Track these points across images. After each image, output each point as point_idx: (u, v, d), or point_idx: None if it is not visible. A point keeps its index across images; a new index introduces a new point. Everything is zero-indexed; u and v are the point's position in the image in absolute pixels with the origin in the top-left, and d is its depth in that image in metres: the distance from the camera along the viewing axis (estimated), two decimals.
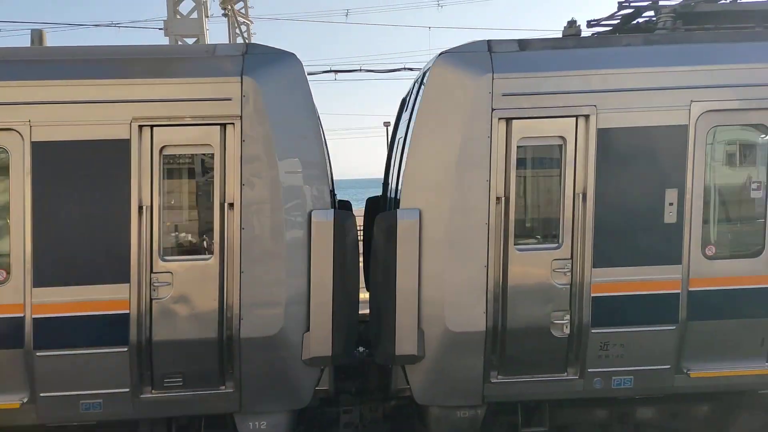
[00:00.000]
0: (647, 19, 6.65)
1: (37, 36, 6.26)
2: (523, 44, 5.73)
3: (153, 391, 5.63)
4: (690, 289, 5.67)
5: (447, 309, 5.59)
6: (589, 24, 6.91)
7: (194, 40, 17.81)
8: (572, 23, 6.20)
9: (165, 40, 17.87)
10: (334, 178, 7.22)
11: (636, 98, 5.55)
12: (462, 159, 5.52)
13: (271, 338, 5.55)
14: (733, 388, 5.93)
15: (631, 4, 6.68)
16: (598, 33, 6.88)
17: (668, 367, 5.76)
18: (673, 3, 6.49)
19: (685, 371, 5.78)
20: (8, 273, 5.39)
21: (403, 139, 6.30)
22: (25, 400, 5.49)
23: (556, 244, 5.64)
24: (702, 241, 5.68)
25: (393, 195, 6.45)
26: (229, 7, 20.93)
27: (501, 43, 5.71)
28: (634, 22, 6.76)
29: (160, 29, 18.39)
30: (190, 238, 5.73)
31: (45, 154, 5.34)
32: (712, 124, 5.63)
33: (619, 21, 6.85)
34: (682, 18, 6.37)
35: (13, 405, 5.50)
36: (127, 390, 5.56)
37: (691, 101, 5.56)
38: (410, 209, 5.55)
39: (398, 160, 6.39)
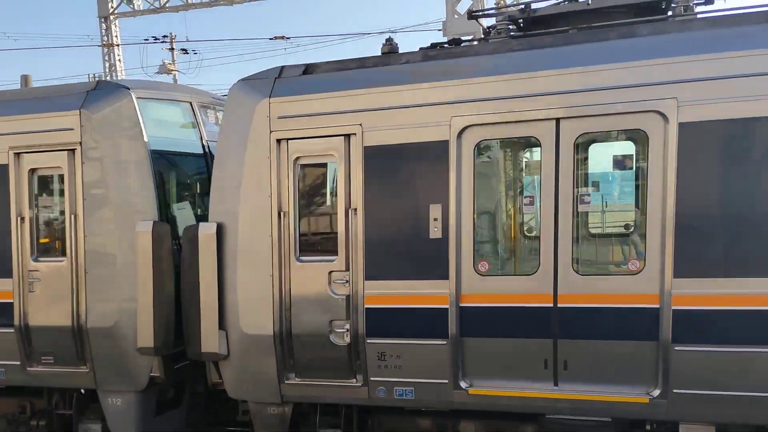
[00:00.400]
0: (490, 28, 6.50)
1: None
2: (310, 68, 6.09)
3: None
4: (461, 304, 5.62)
5: (242, 313, 6.18)
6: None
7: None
8: (389, 41, 6.35)
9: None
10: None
11: (400, 116, 5.64)
12: (249, 177, 6.06)
13: (109, 329, 6.60)
14: (520, 410, 5.70)
15: (475, 13, 6.57)
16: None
17: (446, 381, 5.74)
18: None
19: (463, 387, 5.72)
20: None
21: None
22: None
23: (334, 257, 5.94)
24: (474, 256, 5.59)
25: None
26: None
27: (291, 68, 6.13)
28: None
29: (438, 30, 20.11)
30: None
31: None
32: (476, 139, 5.50)
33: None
34: (516, 24, 6.19)
35: None
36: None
37: (452, 117, 5.50)
38: (210, 223, 6.22)
39: None
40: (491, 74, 5.46)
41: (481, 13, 6.82)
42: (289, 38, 27.99)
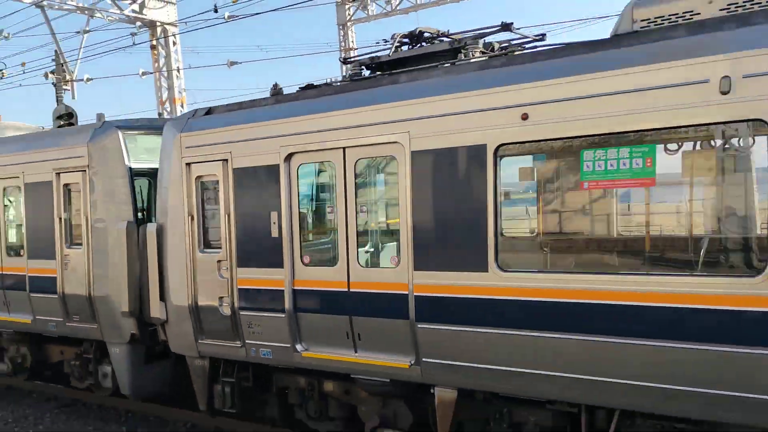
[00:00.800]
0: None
1: None
2: (211, 110, 8.27)
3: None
4: (293, 287, 7.41)
5: (172, 289, 8.56)
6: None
7: None
8: (275, 86, 8.28)
9: None
10: None
11: (250, 146, 7.61)
12: (172, 191, 8.41)
13: (105, 297, 9.36)
14: (336, 370, 7.32)
15: (347, 59, 8.26)
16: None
17: (288, 345, 7.57)
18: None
19: (299, 350, 7.51)
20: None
21: None
22: None
23: (220, 250, 8.05)
24: (301, 251, 7.36)
25: None
26: None
27: (200, 110, 8.36)
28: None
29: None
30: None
31: None
32: (298, 162, 7.27)
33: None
34: (367, 67, 7.82)
35: None
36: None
37: (280, 146, 7.33)
38: (152, 224, 8.68)
39: None
40: (309, 113, 7.22)
41: (351, 58, 8.42)
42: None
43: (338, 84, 7.50)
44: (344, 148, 6.93)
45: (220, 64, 64.03)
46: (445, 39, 7.27)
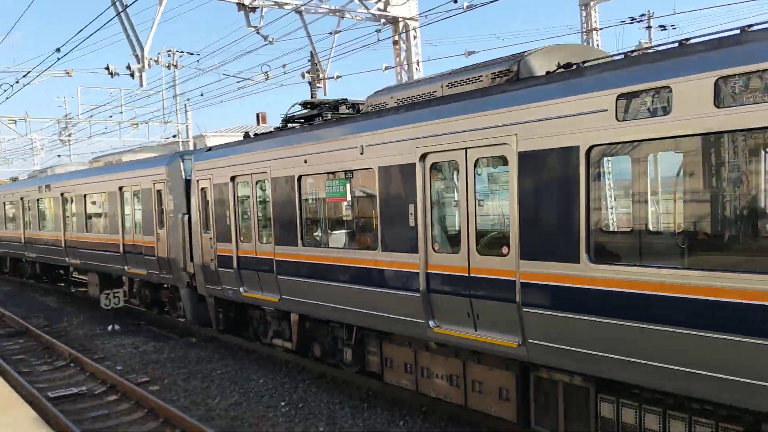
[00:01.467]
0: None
1: None
2: (211, 149, 13.72)
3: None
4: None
5: (194, 255, 14.20)
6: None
7: None
8: (246, 134, 13.38)
9: None
10: None
11: (226, 170, 12.85)
12: (193, 195, 14.02)
13: (174, 258, 15.40)
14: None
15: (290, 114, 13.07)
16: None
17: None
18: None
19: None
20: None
21: None
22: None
23: (210, 232, 13.42)
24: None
25: None
26: None
27: (201, 149, 13.87)
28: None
29: None
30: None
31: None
32: (237, 179, 12.39)
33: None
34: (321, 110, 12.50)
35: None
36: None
37: (230, 175, 12.48)
38: (184, 213, 14.42)
39: None
40: (243, 152, 12.22)
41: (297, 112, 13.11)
42: None
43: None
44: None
45: (457, 54, 67.86)
46: None
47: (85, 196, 19.74)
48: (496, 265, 7.44)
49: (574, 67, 7.12)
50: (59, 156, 40.94)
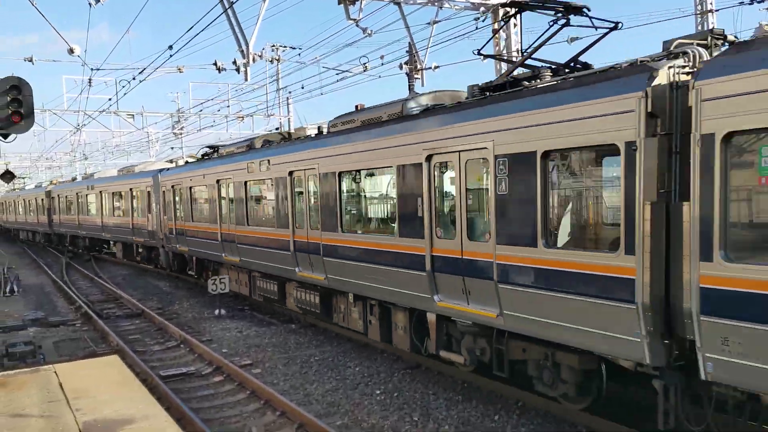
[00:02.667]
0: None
1: None
2: (168, 169, 14.92)
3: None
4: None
5: (163, 229, 14.93)
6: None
7: None
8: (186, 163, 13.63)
9: None
10: None
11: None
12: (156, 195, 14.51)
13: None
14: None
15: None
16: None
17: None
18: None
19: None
20: None
21: None
22: None
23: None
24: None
25: None
26: None
27: (165, 169, 15.04)
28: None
29: None
30: None
31: None
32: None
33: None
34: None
35: None
36: None
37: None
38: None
39: None
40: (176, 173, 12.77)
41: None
42: None
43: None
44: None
45: (560, 41, 65.62)
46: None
47: (113, 193, 30.10)
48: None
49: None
50: (172, 148, 43.30)
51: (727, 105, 5.89)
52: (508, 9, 11.70)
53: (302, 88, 60.80)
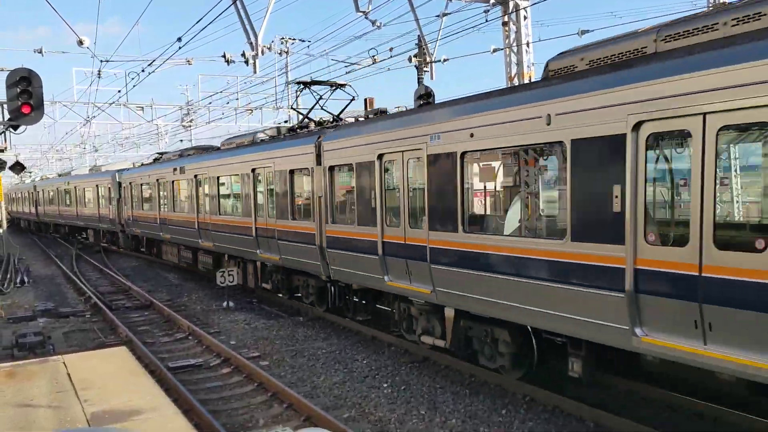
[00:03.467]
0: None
1: None
2: (128, 169, 15.88)
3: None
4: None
5: (122, 216, 15.27)
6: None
7: None
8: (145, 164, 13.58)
9: None
10: None
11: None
12: (115, 190, 14.52)
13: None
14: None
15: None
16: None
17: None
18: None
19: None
20: None
21: None
22: None
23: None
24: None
25: None
26: None
27: (124, 169, 15.67)
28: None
29: None
30: None
31: None
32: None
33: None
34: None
35: None
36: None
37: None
38: (118, 198, 15.25)
39: None
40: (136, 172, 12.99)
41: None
42: None
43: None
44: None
45: (570, 34, 65.47)
46: None
47: (83, 189, 35.73)
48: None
49: None
50: (181, 141, 43.33)
51: None
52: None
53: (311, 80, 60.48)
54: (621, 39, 7.67)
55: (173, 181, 22.66)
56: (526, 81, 21.66)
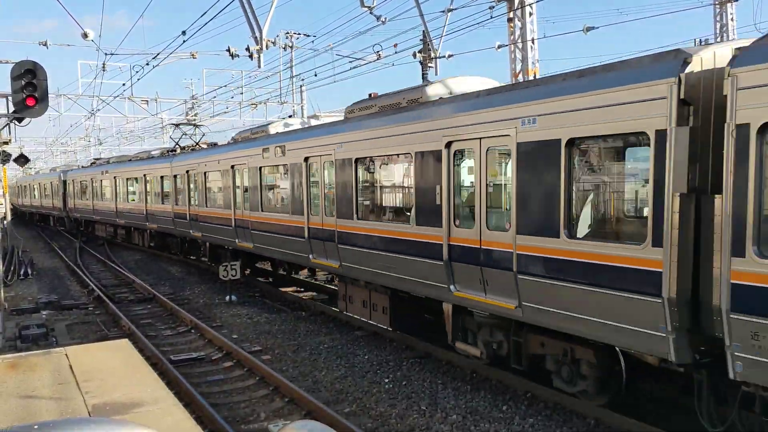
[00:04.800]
0: None
1: None
2: (73, 169, 15.81)
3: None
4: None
5: (69, 206, 14.82)
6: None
7: None
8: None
9: None
10: None
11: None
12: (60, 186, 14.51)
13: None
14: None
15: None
16: None
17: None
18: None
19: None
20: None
21: None
22: None
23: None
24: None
25: None
26: None
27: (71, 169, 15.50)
28: None
29: None
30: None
31: None
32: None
33: None
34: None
35: None
36: None
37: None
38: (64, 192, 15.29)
39: None
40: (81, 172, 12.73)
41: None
42: None
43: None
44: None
45: (575, 30, 65.01)
46: None
47: (41, 184, 46.72)
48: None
49: None
50: (185, 134, 43.22)
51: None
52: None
53: (315, 75, 60.33)
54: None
55: (128, 179, 29.00)
56: (531, 78, 21.49)
